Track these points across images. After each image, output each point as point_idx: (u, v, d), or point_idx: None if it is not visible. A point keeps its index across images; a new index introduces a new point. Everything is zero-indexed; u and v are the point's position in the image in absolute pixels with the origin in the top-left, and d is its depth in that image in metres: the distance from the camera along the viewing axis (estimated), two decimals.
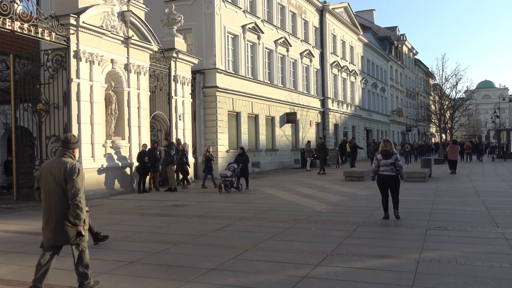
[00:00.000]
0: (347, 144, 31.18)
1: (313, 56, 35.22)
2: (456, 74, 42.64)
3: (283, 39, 30.26)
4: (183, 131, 20.36)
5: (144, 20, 17.70)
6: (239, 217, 11.02)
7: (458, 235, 8.76)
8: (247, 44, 26.46)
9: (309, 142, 29.38)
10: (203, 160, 18.62)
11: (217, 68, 23.11)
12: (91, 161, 15.11)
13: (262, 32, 27.59)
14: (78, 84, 14.79)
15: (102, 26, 15.66)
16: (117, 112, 16.68)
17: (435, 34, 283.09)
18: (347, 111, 41.34)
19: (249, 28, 26.14)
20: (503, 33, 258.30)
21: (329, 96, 37.43)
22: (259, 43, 27.51)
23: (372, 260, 6.93)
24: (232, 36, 25.13)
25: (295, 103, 31.70)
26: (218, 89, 23.07)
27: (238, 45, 25.42)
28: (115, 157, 16.38)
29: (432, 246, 7.78)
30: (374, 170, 10.56)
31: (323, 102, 37.01)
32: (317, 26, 36.42)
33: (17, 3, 12.80)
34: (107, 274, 6.36)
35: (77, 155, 5.83)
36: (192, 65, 21.34)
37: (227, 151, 23.72)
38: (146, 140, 17.73)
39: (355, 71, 43.64)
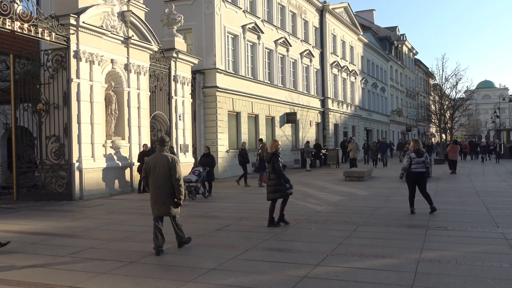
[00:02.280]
0: (346, 144, 31.18)
1: (313, 56, 35.22)
2: (456, 74, 42.73)
3: (283, 39, 30.26)
4: (183, 131, 20.36)
5: (144, 20, 17.70)
6: (239, 217, 11.02)
7: (458, 235, 8.76)
8: (247, 44, 26.46)
9: (308, 142, 29.40)
10: (257, 159, 18.60)
11: (217, 68, 23.11)
12: (91, 161, 15.11)
13: (262, 32, 27.59)
14: (78, 84, 14.79)
15: (102, 26, 15.66)
16: (117, 112, 16.68)
17: (435, 34, 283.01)
18: (347, 111, 41.34)
19: (249, 28, 26.14)
20: (503, 33, 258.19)
21: (329, 96, 37.43)
22: (259, 43, 27.51)
23: (372, 260, 6.93)
24: (232, 36, 25.13)
25: (295, 103, 31.70)
26: (218, 89, 23.07)
27: (238, 45, 25.42)
28: (115, 157, 16.38)
29: (432, 246, 7.77)
30: (405, 168, 11.20)
31: (323, 102, 37.01)
32: (317, 26, 36.42)
33: (17, 3, 12.80)
34: (107, 274, 6.36)
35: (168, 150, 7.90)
36: (192, 65, 21.34)
37: (227, 151, 23.71)
38: (146, 140, 17.73)
39: (355, 71, 43.64)
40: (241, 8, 25.56)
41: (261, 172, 18.22)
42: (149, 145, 17.26)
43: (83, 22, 14.68)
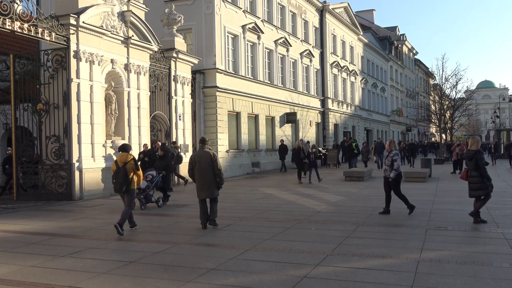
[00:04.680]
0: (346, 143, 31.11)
1: (313, 56, 35.21)
2: (456, 74, 42.64)
3: (283, 39, 30.26)
4: (183, 131, 20.36)
5: (144, 20, 17.70)
6: (239, 217, 11.02)
7: (458, 235, 8.76)
8: (247, 44, 26.45)
9: (308, 142, 29.35)
10: (312, 158, 19.69)
11: (217, 68, 23.11)
12: (91, 161, 15.10)
13: (262, 32, 27.59)
14: (78, 84, 14.79)
15: (102, 26, 15.66)
16: (117, 112, 16.67)
17: (435, 34, 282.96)
18: (347, 111, 41.33)
19: (249, 28, 26.14)
20: (503, 33, 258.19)
21: (329, 96, 37.42)
22: (259, 43, 27.51)
23: (372, 260, 6.93)
24: (232, 36, 25.13)
25: (295, 103, 31.70)
26: (218, 89, 23.07)
27: (238, 45, 25.42)
28: (115, 157, 16.35)
29: (432, 246, 7.78)
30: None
31: (323, 102, 37.01)
32: (317, 26, 36.41)
33: (17, 3, 12.80)
34: (107, 274, 6.36)
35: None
36: (192, 65, 21.34)
37: (227, 151, 23.71)
38: (146, 140, 17.72)
39: (355, 71, 43.63)
40: (241, 8, 25.56)
41: (311, 169, 19.67)
42: (149, 145, 17.23)
43: (83, 22, 14.67)
